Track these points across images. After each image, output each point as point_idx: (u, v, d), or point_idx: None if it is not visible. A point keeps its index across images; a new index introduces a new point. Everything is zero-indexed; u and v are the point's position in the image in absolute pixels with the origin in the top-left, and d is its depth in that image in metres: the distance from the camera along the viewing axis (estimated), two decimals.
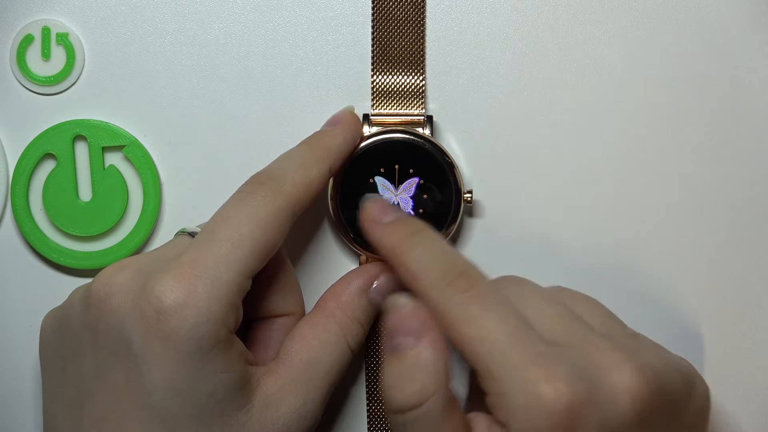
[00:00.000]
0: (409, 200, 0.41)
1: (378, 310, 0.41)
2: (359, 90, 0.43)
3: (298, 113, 0.43)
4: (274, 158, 0.39)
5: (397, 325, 0.33)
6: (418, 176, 0.41)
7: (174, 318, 0.33)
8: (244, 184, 0.37)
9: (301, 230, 0.43)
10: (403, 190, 0.41)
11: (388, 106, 0.42)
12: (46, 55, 0.43)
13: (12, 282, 0.44)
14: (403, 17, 0.42)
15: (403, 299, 0.34)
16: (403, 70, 0.42)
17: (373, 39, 0.42)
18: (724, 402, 0.43)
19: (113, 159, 0.43)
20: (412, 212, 0.41)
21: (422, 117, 0.42)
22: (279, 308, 0.39)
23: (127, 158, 0.43)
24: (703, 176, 0.43)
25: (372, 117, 0.42)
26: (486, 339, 0.32)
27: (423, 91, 0.42)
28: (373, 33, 0.42)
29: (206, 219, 0.37)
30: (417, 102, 0.42)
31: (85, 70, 0.43)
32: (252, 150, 0.43)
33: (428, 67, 0.42)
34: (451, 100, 0.43)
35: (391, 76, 0.42)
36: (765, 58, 0.43)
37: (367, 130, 0.41)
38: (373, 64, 0.42)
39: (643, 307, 0.43)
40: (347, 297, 0.40)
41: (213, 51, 0.43)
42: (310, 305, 0.40)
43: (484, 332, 0.32)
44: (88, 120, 0.43)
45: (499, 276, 0.37)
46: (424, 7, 0.42)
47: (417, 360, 0.33)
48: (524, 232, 0.42)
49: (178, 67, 0.43)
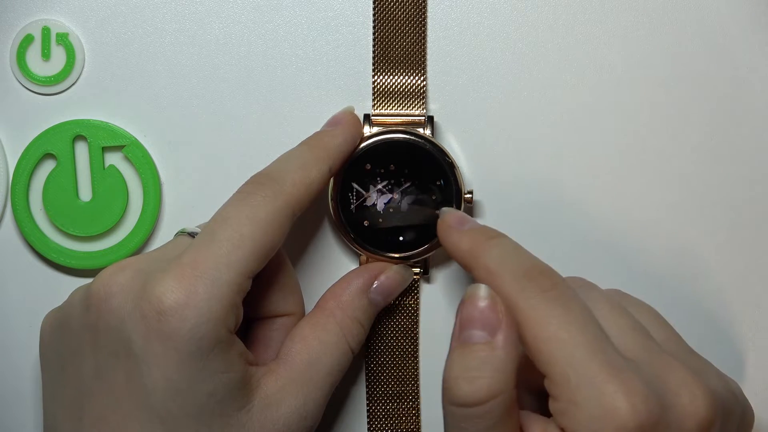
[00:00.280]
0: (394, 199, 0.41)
1: (378, 310, 0.41)
2: (359, 90, 0.43)
3: (298, 113, 0.43)
4: (274, 158, 0.39)
5: (472, 317, 0.33)
6: (411, 180, 0.41)
7: (174, 318, 0.33)
8: (244, 185, 0.37)
9: (301, 230, 0.43)
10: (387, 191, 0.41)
11: (389, 106, 0.42)
12: (46, 55, 0.43)
13: (12, 282, 0.44)
14: (404, 17, 0.42)
15: (484, 290, 0.33)
16: (405, 71, 0.42)
17: (374, 39, 0.42)
18: None
19: (113, 159, 0.43)
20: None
21: (423, 117, 0.42)
22: (279, 308, 0.39)
23: (127, 158, 0.43)
24: (703, 176, 0.43)
25: (373, 117, 0.42)
26: (567, 344, 0.32)
27: (424, 92, 0.42)
28: (374, 33, 0.42)
29: (206, 219, 0.37)
30: (418, 102, 0.42)
31: (85, 70, 0.43)
32: (252, 150, 0.43)
33: (429, 67, 0.42)
34: (452, 100, 0.43)
35: (392, 77, 0.42)
36: (765, 58, 0.43)
37: (367, 130, 0.41)
38: (374, 64, 0.42)
39: None
40: (347, 297, 0.40)
41: (213, 51, 0.43)
42: (310, 305, 0.40)
43: (566, 337, 0.32)
44: (88, 120, 0.43)
45: (567, 277, 0.36)
46: (425, 7, 0.42)
47: (490, 356, 0.32)
48: (524, 232, 0.42)
49: (178, 67, 0.43)
